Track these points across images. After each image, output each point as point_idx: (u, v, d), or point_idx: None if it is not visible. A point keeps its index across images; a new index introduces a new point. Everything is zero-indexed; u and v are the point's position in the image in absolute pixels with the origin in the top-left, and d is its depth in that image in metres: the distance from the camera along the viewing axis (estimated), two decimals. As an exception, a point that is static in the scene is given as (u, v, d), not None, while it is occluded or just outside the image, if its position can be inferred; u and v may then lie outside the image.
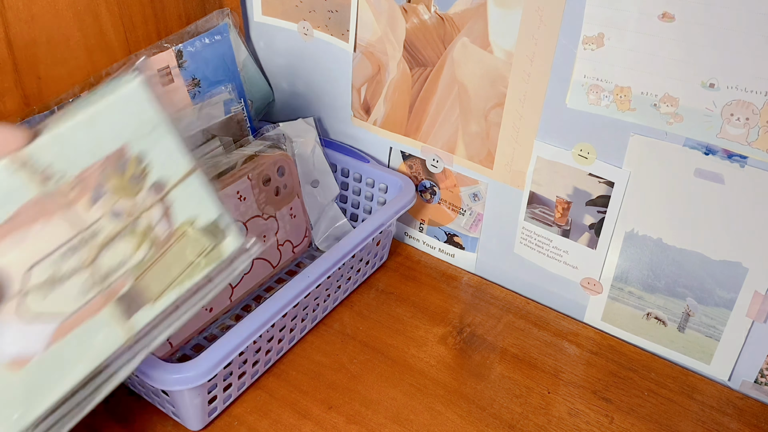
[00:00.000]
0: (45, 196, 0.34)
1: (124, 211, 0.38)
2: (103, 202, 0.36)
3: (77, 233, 0.36)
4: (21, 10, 0.53)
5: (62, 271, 0.35)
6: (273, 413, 0.54)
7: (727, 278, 0.54)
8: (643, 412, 0.55)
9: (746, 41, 0.45)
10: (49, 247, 0.35)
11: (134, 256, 0.38)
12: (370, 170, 0.69)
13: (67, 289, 0.36)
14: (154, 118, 0.38)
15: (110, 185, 0.37)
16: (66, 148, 0.35)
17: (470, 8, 0.57)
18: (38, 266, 0.34)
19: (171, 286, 0.40)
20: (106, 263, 0.37)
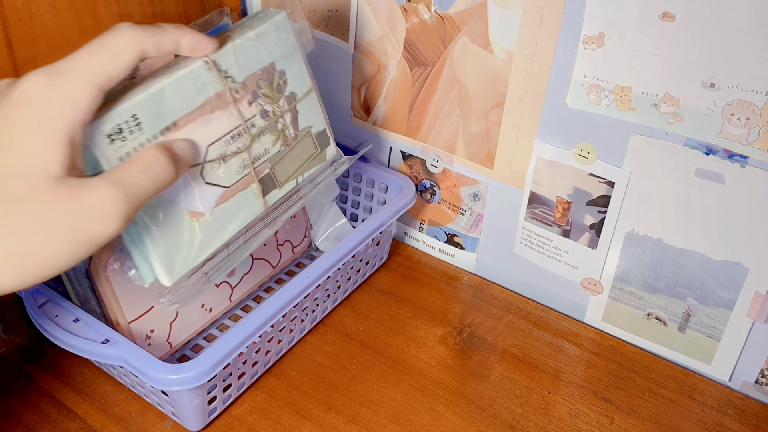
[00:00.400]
0: (223, 92, 0.44)
1: (270, 111, 0.48)
2: (258, 102, 0.47)
3: (240, 124, 0.46)
4: (21, 10, 0.53)
5: (228, 152, 0.46)
6: (273, 413, 0.54)
7: (728, 278, 0.54)
8: (643, 413, 0.55)
9: (746, 41, 0.45)
10: (221, 132, 0.44)
11: (272, 148, 0.49)
12: (370, 170, 0.69)
13: (230, 167, 0.46)
14: (293, 44, 0.50)
15: (263, 91, 0.48)
16: (239, 57, 0.45)
17: (470, 8, 0.57)
18: (214, 145, 0.44)
19: (292, 176, 0.51)
20: (256, 150, 0.48)
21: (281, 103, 0.49)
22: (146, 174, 0.35)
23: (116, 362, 0.48)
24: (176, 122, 0.41)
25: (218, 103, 0.44)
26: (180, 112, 0.42)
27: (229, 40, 0.44)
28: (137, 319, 0.54)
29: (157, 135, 0.40)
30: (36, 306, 0.51)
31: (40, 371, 0.57)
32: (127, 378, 0.54)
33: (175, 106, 0.41)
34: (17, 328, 0.61)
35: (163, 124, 0.41)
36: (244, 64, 0.46)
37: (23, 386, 0.56)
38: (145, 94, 0.40)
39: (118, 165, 0.37)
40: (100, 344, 0.48)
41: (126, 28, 0.35)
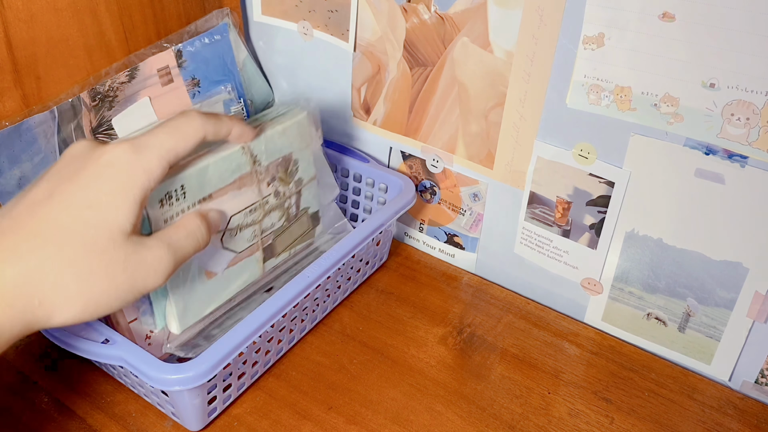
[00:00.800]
0: (251, 173, 0.53)
1: (282, 192, 0.57)
2: (274, 184, 0.56)
3: (258, 200, 0.54)
4: (20, 10, 0.53)
5: (244, 223, 0.54)
6: (273, 414, 0.54)
7: (728, 278, 0.54)
8: (643, 413, 0.55)
9: (746, 41, 0.45)
10: (244, 205, 0.53)
11: (277, 223, 0.58)
12: (370, 170, 0.69)
13: (243, 235, 0.54)
14: (308, 139, 0.58)
15: (279, 175, 0.56)
16: (268, 146, 0.54)
17: (470, 8, 0.57)
18: (236, 216, 0.52)
19: (287, 248, 0.60)
20: (266, 223, 0.56)
21: (291, 186, 0.58)
22: (190, 239, 0.41)
23: (116, 362, 0.48)
24: (212, 194, 0.49)
25: (246, 181, 0.52)
26: (216, 186, 0.50)
27: (262, 132, 0.53)
28: (137, 319, 0.54)
29: (195, 203, 0.48)
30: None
31: (40, 371, 0.57)
32: (127, 378, 0.54)
33: (214, 181, 0.49)
34: (18, 328, 0.61)
35: (202, 195, 0.49)
36: (270, 153, 0.54)
37: (23, 386, 0.56)
38: (193, 168, 0.47)
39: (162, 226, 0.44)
40: (100, 344, 0.48)
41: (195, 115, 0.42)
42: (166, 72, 0.62)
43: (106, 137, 0.59)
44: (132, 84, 0.60)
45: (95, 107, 0.57)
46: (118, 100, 0.59)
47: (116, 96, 0.59)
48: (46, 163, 0.54)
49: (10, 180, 0.52)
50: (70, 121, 0.56)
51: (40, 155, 0.54)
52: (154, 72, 0.61)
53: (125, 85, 0.59)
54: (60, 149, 0.55)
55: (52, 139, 0.55)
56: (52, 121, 0.55)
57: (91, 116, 0.57)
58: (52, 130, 0.55)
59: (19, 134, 0.52)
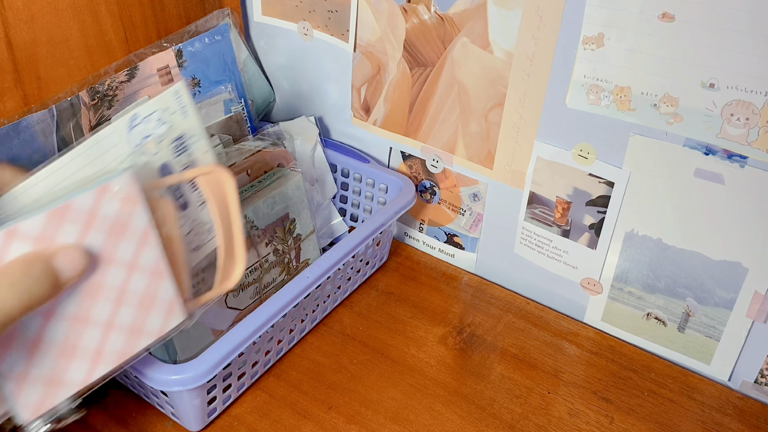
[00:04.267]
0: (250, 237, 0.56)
1: (281, 250, 0.60)
2: (272, 243, 0.59)
3: (257, 261, 0.57)
4: (21, 10, 0.53)
5: (246, 282, 0.56)
6: (273, 413, 0.54)
7: (727, 278, 0.54)
8: (643, 413, 0.55)
9: (746, 41, 0.45)
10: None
11: (278, 277, 0.60)
12: (370, 170, 0.69)
13: (246, 293, 0.56)
14: (303, 199, 0.61)
15: (277, 234, 0.59)
16: (264, 211, 0.57)
17: (470, 8, 0.57)
18: None
19: None
20: (266, 279, 0.58)
21: (289, 243, 0.61)
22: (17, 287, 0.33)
23: (116, 362, 0.48)
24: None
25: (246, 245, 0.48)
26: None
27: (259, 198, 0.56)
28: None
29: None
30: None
31: (40, 371, 0.57)
32: (127, 378, 0.54)
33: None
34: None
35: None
36: (266, 216, 0.57)
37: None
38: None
39: None
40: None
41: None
42: (166, 71, 0.62)
43: (106, 137, 0.59)
44: (132, 83, 0.60)
45: (94, 106, 0.57)
46: (118, 99, 0.59)
47: (116, 95, 0.59)
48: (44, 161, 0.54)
49: (10, 180, 0.52)
50: (69, 120, 0.56)
51: (39, 154, 0.54)
52: (154, 71, 0.61)
53: (125, 85, 0.59)
54: (59, 147, 0.55)
55: (50, 137, 0.55)
56: (51, 120, 0.54)
57: (90, 115, 0.57)
58: (51, 128, 0.55)
59: (18, 132, 0.52)
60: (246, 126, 0.69)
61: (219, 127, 0.65)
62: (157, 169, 0.40)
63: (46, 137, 0.54)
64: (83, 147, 0.36)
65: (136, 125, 0.39)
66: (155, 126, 0.40)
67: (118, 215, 0.37)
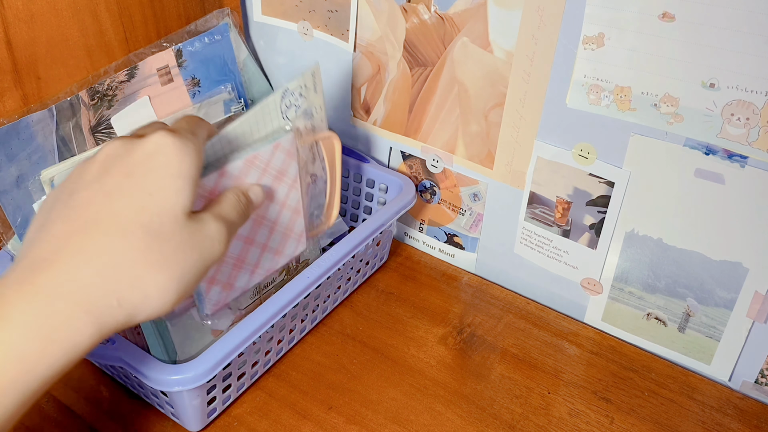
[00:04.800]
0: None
1: None
2: None
3: None
4: (21, 10, 0.53)
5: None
6: (273, 414, 0.54)
7: (728, 278, 0.54)
8: (643, 413, 0.55)
9: (746, 41, 0.45)
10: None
11: (278, 278, 0.60)
12: (370, 170, 0.69)
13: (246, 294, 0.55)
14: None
15: None
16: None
17: (470, 8, 0.57)
18: None
19: None
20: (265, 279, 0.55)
21: None
22: (235, 210, 0.42)
23: (116, 363, 0.48)
24: None
25: None
26: None
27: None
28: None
29: None
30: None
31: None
32: (127, 378, 0.54)
33: None
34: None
35: None
36: None
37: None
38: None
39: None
40: (101, 345, 0.48)
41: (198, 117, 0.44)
42: (165, 71, 0.62)
43: (105, 136, 0.59)
44: (131, 83, 0.60)
45: (94, 106, 0.57)
46: (117, 99, 0.59)
47: (115, 95, 0.59)
48: (43, 161, 0.54)
49: (8, 178, 0.52)
50: (68, 120, 0.56)
51: (39, 153, 0.54)
52: (154, 71, 0.61)
53: (124, 84, 0.59)
54: (58, 147, 0.55)
55: (50, 137, 0.55)
56: (51, 120, 0.54)
57: (90, 115, 0.57)
58: (51, 128, 0.55)
59: (17, 132, 0.52)
60: (246, 126, 0.68)
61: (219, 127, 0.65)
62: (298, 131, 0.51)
63: (46, 137, 0.54)
64: (254, 111, 0.47)
65: (285, 97, 0.49)
66: (297, 99, 0.50)
67: (282, 165, 0.48)
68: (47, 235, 0.35)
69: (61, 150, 0.56)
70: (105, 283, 0.33)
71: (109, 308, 0.33)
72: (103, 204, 0.35)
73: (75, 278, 0.33)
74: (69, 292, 0.33)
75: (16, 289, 0.32)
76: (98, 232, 0.34)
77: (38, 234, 0.35)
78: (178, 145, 0.37)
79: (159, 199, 0.35)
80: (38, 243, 0.34)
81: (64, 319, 0.32)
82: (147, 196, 0.35)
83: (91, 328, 0.33)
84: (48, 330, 0.32)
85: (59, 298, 0.32)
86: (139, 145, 0.37)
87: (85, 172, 0.37)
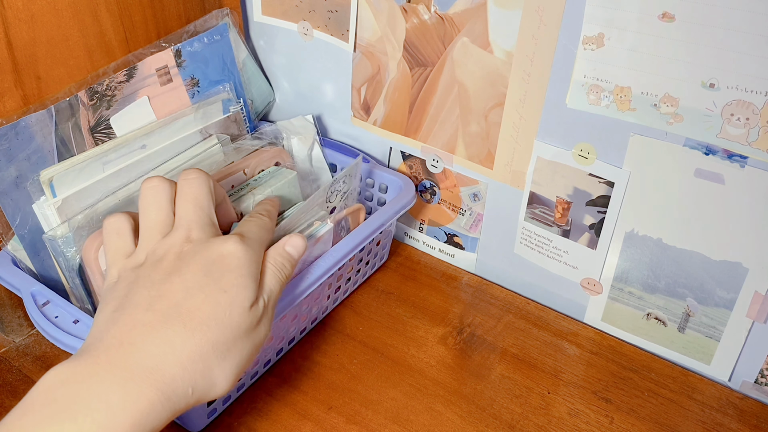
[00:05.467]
0: None
1: None
2: None
3: None
4: (21, 10, 0.53)
5: None
6: (273, 413, 0.54)
7: (728, 278, 0.54)
8: (643, 413, 0.55)
9: (746, 41, 0.45)
10: None
11: None
12: (370, 170, 0.69)
13: None
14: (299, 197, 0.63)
15: None
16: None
17: (470, 8, 0.57)
18: None
19: None
20: None
21: None
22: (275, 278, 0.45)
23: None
24: None
25: None
26: None
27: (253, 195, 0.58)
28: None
29: None
30: (36, 306, 0.51)
31: (39, 372, 0.57)
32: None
33: None
34: (17, 328, 0.61)
35: None
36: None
37: (23, 387, 0.56)
38: None
39: None
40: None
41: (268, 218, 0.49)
42: (165, 71, 0.62)
43: (104, 136, 0.59)
44: (130, 83, 0.60)
45: (93, 106, 0.57)
46: (117, 99, 0.59)
47: (114, 95, 0.59)
48: (43, 161, 0.54)
49: (7, 178, 0.52)
50: (67, 120, 0.56)
51: (38, 154, 0.54)
52: (153, 71, 0.61)
53: (123, 85, 0.59)
54: (57, 148, 0.55)
55: (49, 137, 0.55)
56: (50, 120, 0.54)
57: (89, 115, 0.57)
58: (50, 128, 0.54)
59: (16, 132, 0.52)
60: (245, 125, 0.69)
61: (217, 126, 0.65)
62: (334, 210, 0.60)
63: (45, 137, 0.54)
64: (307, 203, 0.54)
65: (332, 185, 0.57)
66: (341, 186, 0.58)
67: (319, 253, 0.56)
68: (132, 319, 0.39)
69: (60, 150, 0.55)
70: (184, 375, 0.38)
71: (184, 396, 0.38)
72: (185, 299, 0.40)
73: (162, 370, 0.37)
74: (156, 380, 0.36)
75: (111, 372, 0.36)
76: (181, 326, 0.39)
77: (118, 316, 0.39)
78: (249, 252, 0.43)
79: (231, 294, 0.41)
80: (123, 327, 0.38)
81: (151, 405, 0.36)
82: (222, 293, 0.41)
83: (168, 414, 0.37)
84: (138, 413, 0.35)
85: (149, 386, 0.36)
86: (215, 247, 0.43)
87: (160, 263, 0.42)
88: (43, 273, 0.56)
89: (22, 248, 0.55)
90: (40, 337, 0.60)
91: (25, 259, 0.55)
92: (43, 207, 0.54)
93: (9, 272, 0.54)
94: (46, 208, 0.54)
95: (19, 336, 0.61)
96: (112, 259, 0.44)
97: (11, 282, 0.54)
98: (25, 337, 0.61)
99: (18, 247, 0.55)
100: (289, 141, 0.68)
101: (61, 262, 0.53)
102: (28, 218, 0.54)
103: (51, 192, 0.54)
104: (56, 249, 0.53)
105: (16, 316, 0.60)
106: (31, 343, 0.60)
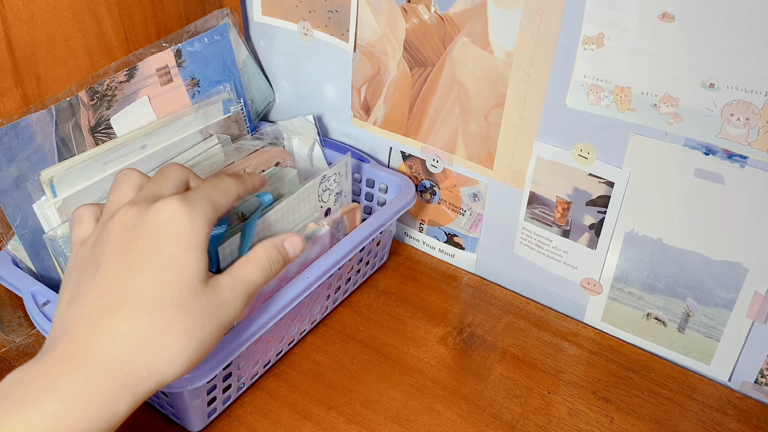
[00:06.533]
0: None
1: None
2: None
3: None
4: (21, 10, 0.53)
5: None
6: (273, 413, 0.54)
7: (727, 278, 0.54)
8: (643, 413, 0.55)
9: (746, 41, 0.45)
10: None
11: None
12: (370, 170, 0.69)
13: None
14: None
15: None
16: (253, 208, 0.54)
17: (470, 8, 0.57)
18: None
19: None
20: None
21: None
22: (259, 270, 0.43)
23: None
24: None
25: None
26: None
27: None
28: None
29: None
30: (36, 306, 0.51)
31: (40, 371, 0.57)
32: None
33: None
34: (17, 328, 0.61)
35: None
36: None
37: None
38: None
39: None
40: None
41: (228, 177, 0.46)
42: (165, 72, 0.62)
43: (105, 136, 0.59)
44: (131, 83, 0.60)
45: (93, 106, 0.57)
46: (117, 99, 0.59)
47: (115, 95, 0.59)
48: (43, 161, 0.54)
49: (7, 178, 0.52)
50: (68, 120, 0.56)
51: (38, 154, 0.54)
52: (153, 72, 0.61)
53: (124, 85, 0.59)
54: (58, 148, 0.55)
55: (49, 137, 0.55)
56: (50, 120, 0.54)
57: (90, 115, 0.57)
58: (50, 128, 0.55)
59: (17, 132, 0.52)
60: (245, 126, 0.69)
61: (218, 126, 0.65)
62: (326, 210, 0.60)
63: (45, 137, 0.54)
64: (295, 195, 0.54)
65: (323, 182, 0.57)
66: (332, 184, 0.58)
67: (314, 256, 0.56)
68: (80, 311, 0.38)
69: (60, 150, 0.56)
70: (136, 358, 0.37)
71: (141, 378, 0.37)
72: (128, 281, 0.38)
73: (110, 356, 0.36)
74: (105, 368, 0.36)
75: (59, 366, 0.36)
76: (127, 310, 0.37)
77: (70, 309, 0.38)
78: (190, 214, 0.39)
79: (177, 271, 0.38)
80: (73, 321, 0.38)
81: (103, 392, 0.36)
82: (166, 270, 0.38)
83: (127, 398, 0.37)
84: (91, 402, 0.35)
85: (98, 374, 0.36)
86: (150, 216, 0.39)
87: (105, 241, 0.40)
88: (44, 273, 0.56)
89: (22, 248, 0.55)
90: (41, 337, 0.60)
91: (25, 259, 0.55)
92: (43, 207, 0.54)
93: (9, 272, 0.54)
94: (47, 208, 0.54)
95: (20, 336, 0.61)
96: (71, 247, 0.43)
97: (11, 282, 0.54)
98: (25, 337, 0.61)
99: (18, 247, 0.55)
100: (290, 141, 0.68)
101: (61, 262, 0.53)
102: (29, 218, 0.54)
103: (51, 192, 0.54)
104: (56, 249, 0.53)
105: (17, 316, 0.60)
106: (31, 343, 0.60)
